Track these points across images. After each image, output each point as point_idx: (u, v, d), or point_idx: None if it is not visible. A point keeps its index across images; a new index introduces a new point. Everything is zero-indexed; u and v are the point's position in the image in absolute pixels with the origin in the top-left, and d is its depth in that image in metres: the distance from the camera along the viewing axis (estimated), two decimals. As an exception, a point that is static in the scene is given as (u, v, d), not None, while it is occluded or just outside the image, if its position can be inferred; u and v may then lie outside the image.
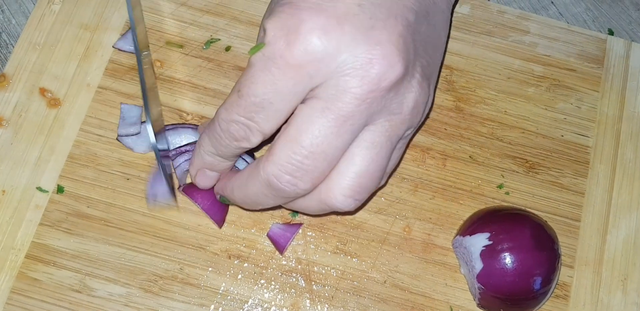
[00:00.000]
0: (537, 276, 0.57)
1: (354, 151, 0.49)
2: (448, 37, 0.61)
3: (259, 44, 0.47)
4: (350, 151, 0.49)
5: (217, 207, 0.61)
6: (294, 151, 0.47)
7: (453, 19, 0.69)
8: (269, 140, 0.51)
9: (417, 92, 0.49)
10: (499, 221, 0.60)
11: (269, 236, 0.62)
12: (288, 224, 0.63)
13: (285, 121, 0.49)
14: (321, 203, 0.50)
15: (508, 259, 0.57)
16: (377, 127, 0.49)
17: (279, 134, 0.49)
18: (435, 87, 0.60)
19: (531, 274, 0.57)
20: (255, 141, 0.50)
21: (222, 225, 0.62)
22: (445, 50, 0.63)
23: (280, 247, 0.62)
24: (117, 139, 0.64)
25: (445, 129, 0.67)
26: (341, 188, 0.49)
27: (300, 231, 0.63)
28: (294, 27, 0.45)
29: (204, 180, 0.57)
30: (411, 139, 0.66)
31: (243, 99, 0.48)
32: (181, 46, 0.67)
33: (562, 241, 0.65)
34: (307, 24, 0.45)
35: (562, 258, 0.64)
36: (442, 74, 0.68)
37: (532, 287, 0.57)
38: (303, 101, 0.48)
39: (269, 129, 0.49)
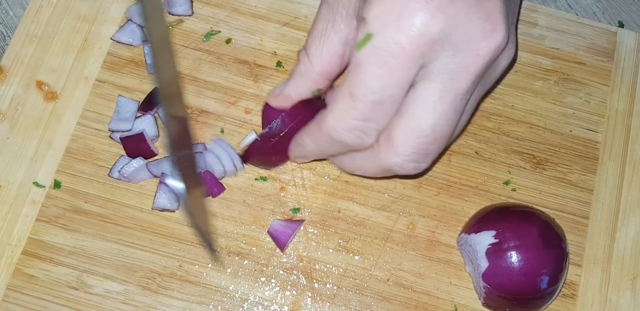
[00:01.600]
0: (544, 276, 0.56)
1: (414, 109, 0.48)
2: None
3: (367, 36, 0.44)
4: (411, 108, 0.48)
5: None
6: (419, 141, 0.47)
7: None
8: None
9: (511, 53, 0.48)
10: (506, 219, 0.58)
11: (269, 233, 0.61)
12: (289, 220, 0.62)
13: None
14: (381, 165, 0.51)
15: (515, 258, 0.56)
16: (474, 95, 0.49)
17: (395, 122, 0.47)
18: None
19: (538, 273, 0.56)
20: (370, 142, 0.49)
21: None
22: None
23: (281, 244, 0.61)
24: (110, 136, 0.62)
25: (451, 124, 0.66)
26: (398, 146, 0.49)
27: (302, 228, 0.62)
28: (405, 10, 0.43)
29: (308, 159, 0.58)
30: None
31: (360, 101, 0.46)
32: (182, 21, 0.65)
33: (570, 239, 0.63)
34: (420, 4, 0.43)
35: (570, 256, 0.63)
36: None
37: (539, 286, 0.56)
38: (413, 83, 0.46)
39: (386, 123, 0.48)
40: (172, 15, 0.66)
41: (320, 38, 0.52)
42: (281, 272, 0.61)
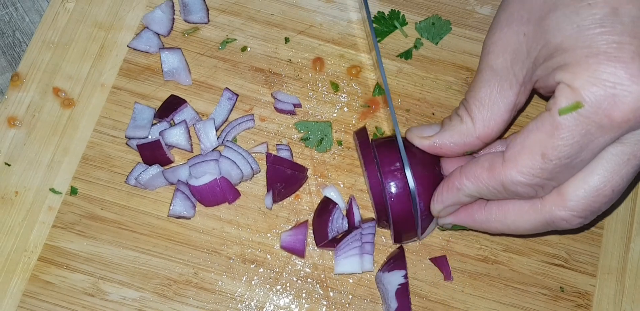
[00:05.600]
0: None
1: (596, 169, 0.48)
2: None
3: (575, 104, 0.44)
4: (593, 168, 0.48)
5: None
6: (595, 200, 0.48)
7: (472, 19, 0.68)
8: None
9: None
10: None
11: (283, 248, 0.61)
12: (294, 227, 0.62)
13: None
14: (547, 223, 0.51)
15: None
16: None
17: (576, 182, 0.48)
18: None
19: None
20: (542, 195, 0.49)
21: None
22: None
23: (299, 252, 0.61)
24: (126, 143, 0.63)
25: (465, 132, 0.66)
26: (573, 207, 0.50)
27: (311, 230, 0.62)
28: (619, 82, 0.43)
29: (450, 212, 0.56)
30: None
31: (552, 163, 0.46)
32: (198, 29, 0.66)
33: (585, 249, 0.63)
34: (637, 78, 0.43)
35: (584, 266, 0.63)
36: (461, 76, 0.67)
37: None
38: None
39: (565, 181, 0.48)
40: (188, 23, 0.66)
41: (486, 103, 0.51)
42: (296, 280, 0.61)
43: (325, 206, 0.61)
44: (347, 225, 0.60)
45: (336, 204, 0.60)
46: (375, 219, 0.60)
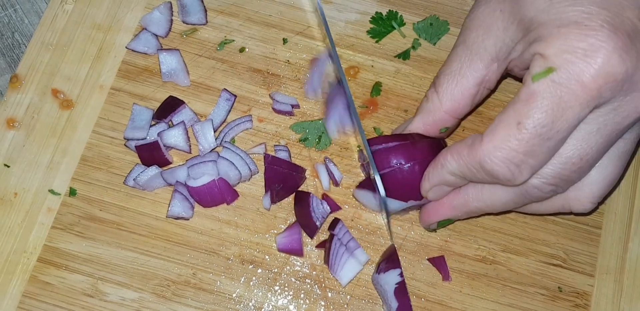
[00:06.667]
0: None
1: (606, 161, 0.50)
2: None
3: (547, 69, 0.44)
4: (603, 160, 0.50)
5: None
6: (563, 168, 0.48)
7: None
8: None
9: None
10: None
11: (281, 250, 0.61)
12: (287, 229, 0.62)
13: None
14: (563, 208, 0.53)
15: None
16: (631, 135, 0.49)
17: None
18: None
19: None
20: (520, 180, 0.48)
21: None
22: None
23: (297, 251, 0.61)
24: (125, 145, 0.63)
25: (464, 132, 0.66)
26: (592, 197, 0.51)
27: (315, 237, 0.62)
28: (590, 49, 0.43)
29: (439, 195, 0.56)
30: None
31: (527, 131, 0.45)
32: (196, 30, 0.66)
33: (583, 249, 0.63)
34: (606, 44, 0.43)
35: (583, 266, 0.63)
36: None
37: None
38: None
39: (541, 165, 0.48)
40: (187, 24, 0.66)
41: (454, 77, 0.52)
42: (294, 281, 0.61)
43: (301, 199, 0.61)
44: (328, 207, 0.61)
45: (309, 193, 0.61)
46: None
